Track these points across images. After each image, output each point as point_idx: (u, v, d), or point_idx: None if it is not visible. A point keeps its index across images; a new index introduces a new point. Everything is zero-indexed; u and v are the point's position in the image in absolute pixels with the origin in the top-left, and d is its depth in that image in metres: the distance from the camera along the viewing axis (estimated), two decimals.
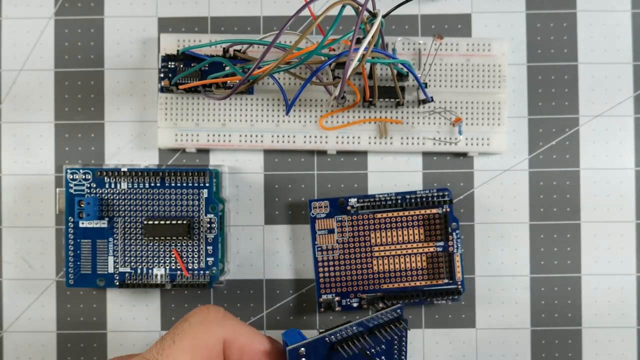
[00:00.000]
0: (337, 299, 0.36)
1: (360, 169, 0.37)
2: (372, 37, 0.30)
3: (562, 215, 0.37)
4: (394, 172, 0.37)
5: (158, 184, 0.35)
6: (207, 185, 0.35)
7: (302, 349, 0.28)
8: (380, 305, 0.35)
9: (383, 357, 0.31)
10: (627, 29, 0.37)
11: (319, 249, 0.36)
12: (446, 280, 0.35)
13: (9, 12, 0.37)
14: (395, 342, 0.31)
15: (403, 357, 0.31)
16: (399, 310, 0.31)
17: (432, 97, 0.35)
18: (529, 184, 0.37)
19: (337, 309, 0.36)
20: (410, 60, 0.36)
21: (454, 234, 0.35)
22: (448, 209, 0.35)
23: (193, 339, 0.27)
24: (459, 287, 0.35)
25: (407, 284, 0.36)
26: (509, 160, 0.37)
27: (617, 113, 0.37)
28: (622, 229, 0.37)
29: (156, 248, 0.35)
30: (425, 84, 0.36)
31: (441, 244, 0.36)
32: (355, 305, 0.36)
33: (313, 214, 0.36)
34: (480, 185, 0.37)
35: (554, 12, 0.37)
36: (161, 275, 0.35)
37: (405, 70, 0.35)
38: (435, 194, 0.35)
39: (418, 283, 0.36)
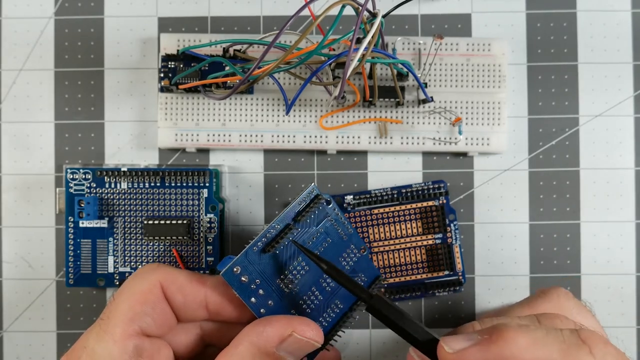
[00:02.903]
0: None
1: (360, 169, 0.37)
2: (372, 37, 0.30)
3: (562, 215, 0.37)
4: (393, 171, 0.37)
5: (158, 184, 0.35)
6: (207, 185, 0.35)
7: (235, 268, 0.27)
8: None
9: (329, 239, 0.30)
10: (627, 29, 0.37)
11: None
12: (447, 272, 0.35)
13: (9, 11, 0.37)
14: (331, 221, 0.30)
15: (351, 230, 0.31)
16: (313, 191, 0.30)
17: (432, 97, 0.35)
18: (528, 183, 0.37)
19: None
20: (410, 60, 0.36)
21: (451, 225, 0.35)
22: (444, 201, 0.35)
23: (129, 290, 0.28)
24: (460, 277, 0.35)
25: (408, 278, 0.36)
26: (509, 160, 0.37)
27: (617, 113, 0.37)
28: (622, 229, 0.37)
29: (156, 248, 0.35)
30: (425, 83, 0.36)
31: (439, 235, 0.36)
32: None
33: None
34: (480, 185, 0.37)
35: (554, 12, 0.37)
36: None
37: (405, 70, 0.35)
38: (431, 187, 0.36)
39: (419, 276, 0.36)
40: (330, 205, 0.30)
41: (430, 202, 0.36)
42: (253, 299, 0.28)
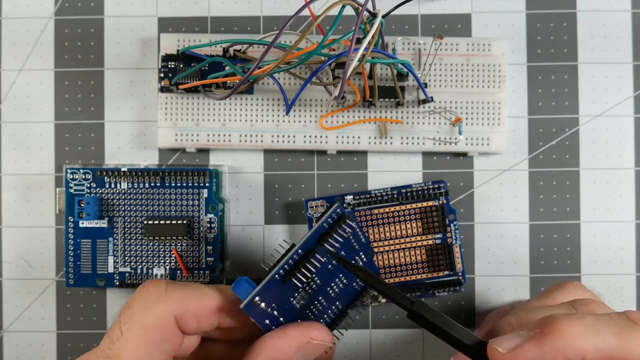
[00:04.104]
0: None
1: (360, 169, 0.37)
2: (372, 37, 0.30)
3: (562, 215, 0.37)
4: (394, 172, 0.37)
5: (158, 184, 0.35)
6: (207, 185, 0.35)
7: (257, 298, 0.26)
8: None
9: (342, 253, 0.29)
10: (627, 29, 0.37)
11: None
12: (447, 272, 0.35)
13: (9, 11, 0.37)
14: (351, 238, 0.29)
15: (364, 240, 0.30)
16: (338, 210, 0.29)
17: (432, 97, 0.35)
18: (528, 184, 0.37)
19: None
20: (410, 60, 0.36)
21: (451, 225, 0.35)
22: (444, 201, 0.36)
23: (140, 325, 0.25)
24: (460, 277, 0.35)
25: (408, 278, 0.36)
26: (509, 160, 0.37)
27: (617, 113, 0.37)
28: (622, 229, 0.37)
29: (156, 248, 0.35)
30: (425, 84, 0.36)
31: (439, 235, 0.36)
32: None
33: (310, 214, 0.36)
34: (480, 185, 0.37)
35: (554, 12, 0.37)
36: (161, 275, 0.35)
37: (405, 70, 0.35)
38: (431, 187, 0.36)
39: (419, 276, 0.36)
40: (353, 223, 0.29)
41: (430, 202, 0.36)
42: (267, 321, 0.27)
